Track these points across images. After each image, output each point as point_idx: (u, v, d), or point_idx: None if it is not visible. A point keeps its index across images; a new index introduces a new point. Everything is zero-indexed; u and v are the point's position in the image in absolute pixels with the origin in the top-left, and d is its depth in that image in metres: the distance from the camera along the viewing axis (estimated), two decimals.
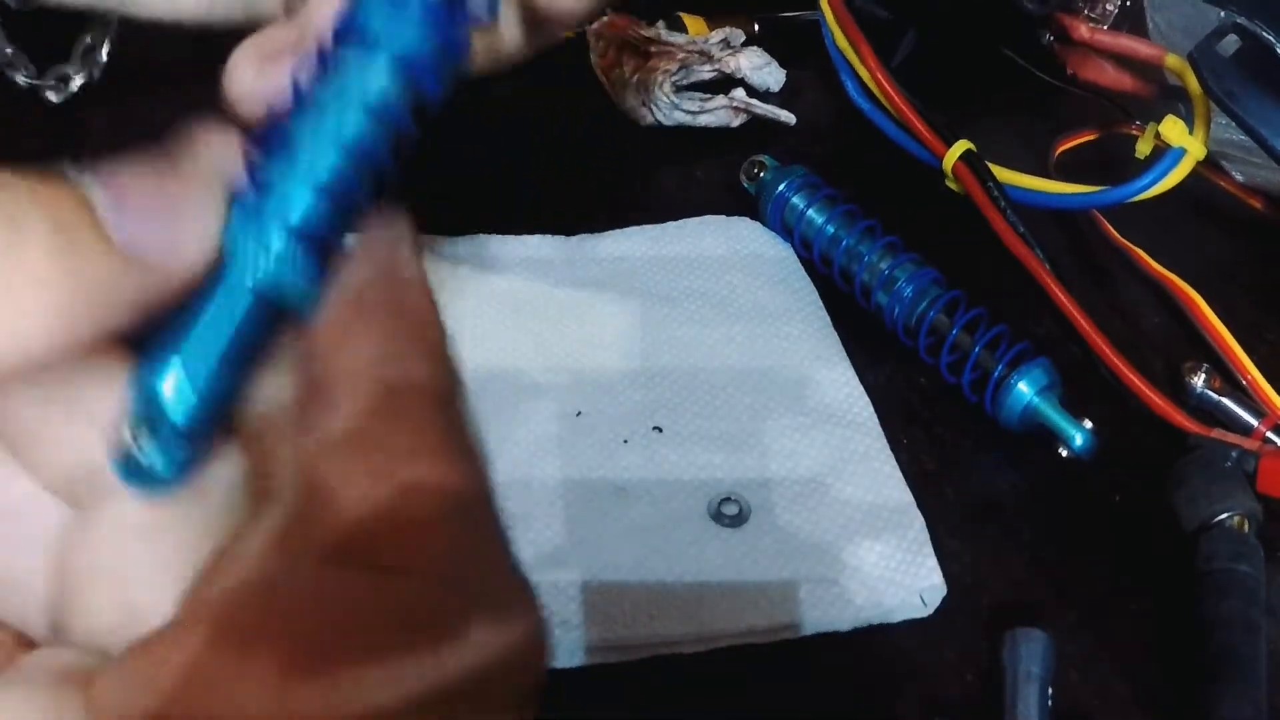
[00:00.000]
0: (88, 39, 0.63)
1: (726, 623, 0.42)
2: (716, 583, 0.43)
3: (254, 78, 0.30)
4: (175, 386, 0.20)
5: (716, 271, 0.57)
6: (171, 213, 0.20)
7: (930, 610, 0.44)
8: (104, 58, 0.63)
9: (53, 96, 0.63)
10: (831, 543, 0.45)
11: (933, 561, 0.45)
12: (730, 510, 0.46)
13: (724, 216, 0.60)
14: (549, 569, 0.43)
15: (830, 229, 0.57)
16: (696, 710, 0.42)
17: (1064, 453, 0.49)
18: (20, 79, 0.62)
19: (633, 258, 0.57)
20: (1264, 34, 0.54)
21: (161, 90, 0.60)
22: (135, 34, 0.63)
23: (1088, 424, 0.49)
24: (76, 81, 0.63)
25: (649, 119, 0.65)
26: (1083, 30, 0.67)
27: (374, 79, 0.21)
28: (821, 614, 0.43)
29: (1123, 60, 0.68)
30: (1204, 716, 0.41)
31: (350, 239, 0.21)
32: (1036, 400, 0.50)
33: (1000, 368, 0.50)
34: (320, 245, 0.21)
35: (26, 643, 0.21)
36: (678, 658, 0.42)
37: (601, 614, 0.42)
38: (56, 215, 0.19)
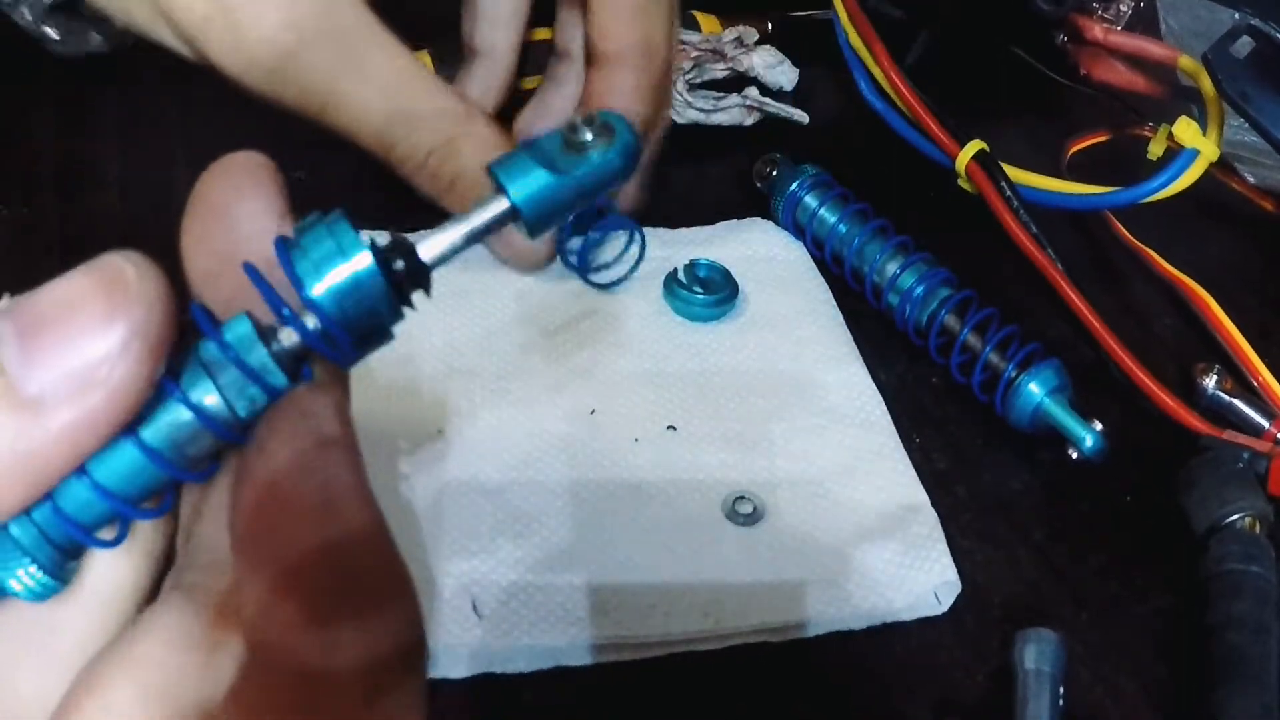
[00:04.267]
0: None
1: (741, 621, 0.42)
2: (731, 581, 0.43)
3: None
4: None
5: (733, 273, 0.57)
6: (90, 351, 0.19)
7: (945, 608, 0.45)
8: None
9: (57, 47, 0.59)
10: (846, 541, 0.45)
11: (947, 559, 0.45)
12: (745, 509, 0.46)
13: (736, 220, 0.60)
14: (562, 567, 0.43)
15: (842, 228, 0.57)
16: (709, 708, 0.42)
17: (1074, 454, 0.49)
18: (27, 17, 0.58)
19: (647, 258, 0.57)
20: (1277, 35, 0.54)
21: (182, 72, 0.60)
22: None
23: (1098, 426, 0.49)
24: (96, 39, 0.60)
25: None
26: (1096, 31, 0.67)
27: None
28: (836, 612, 0.43)
29: (1136, 61, 0.68)
30: (1214, 717, 0.41)
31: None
32: (1047, 401, 0.50)
33: (1010, 369, 0.50)
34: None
35: None
36: (690, 655, 0.42)
37: (616, 612, 0.42)
38: None
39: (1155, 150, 0.65)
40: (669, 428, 0.49)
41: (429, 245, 0.22)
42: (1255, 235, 0.65)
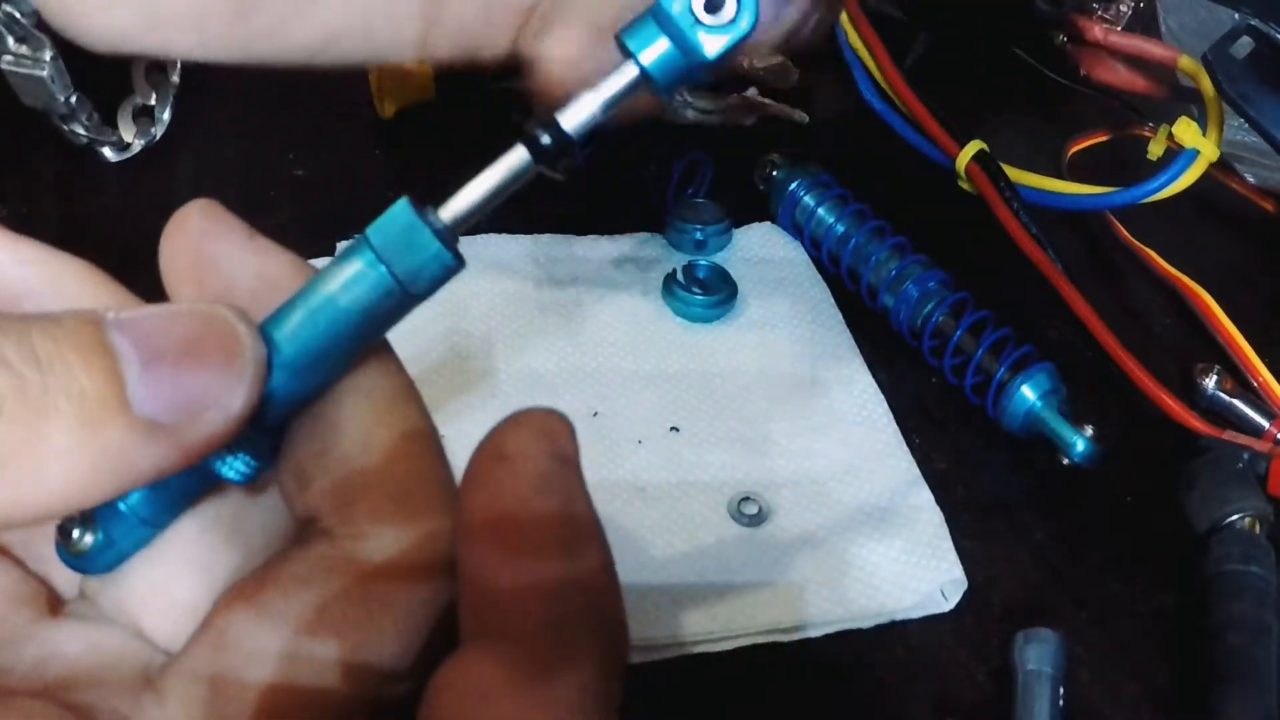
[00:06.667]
0: (138, 100, 0.61)
1: (750, 621, 0.42)
2: (739, 582, 0.43)
3: None
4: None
5: (732, 274, 0.57)
6: (201, 383, 0.20)
7: (952, 605, 0.45)
8: (166, 118, 0.61)
9: (110, 155, 0.60)
10: (852, 540, 0.46)
11: (953, 556, 0.45)
12: (750, 509, 0.46)
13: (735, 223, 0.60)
14: None
15: (840, 228, 0.57)
16: (707, 707, 0.42)
17: (1065, 461, 0.49)
18: (80, 131, 0.59)
19: (648, 260, 0.57)
20: (1277, 35, 0.54)
21: (218, 152, 0.60)
22: (195, 93, 0.62)
23: (1088, 431, 0.49)
24: (137, 145, 0.61)
25: (663, 116, 0.66)
26: (1096, 32, 0.67)
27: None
28: (844, 611, 0.43)
29: (1136, 62, 0.68)
30: (1214, 717, 0.41)
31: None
32: (1038, 406, 0.50)
33: (1002, 372, 0.50)
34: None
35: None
36: (693, 655, 0.42)
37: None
38: (83, 385, 0.19)
39: (1155, 150, 0.65)
40: (672, 429, 0.49)
41: (568, 116, 0.23)
42: (1255, 235, 0.65)
